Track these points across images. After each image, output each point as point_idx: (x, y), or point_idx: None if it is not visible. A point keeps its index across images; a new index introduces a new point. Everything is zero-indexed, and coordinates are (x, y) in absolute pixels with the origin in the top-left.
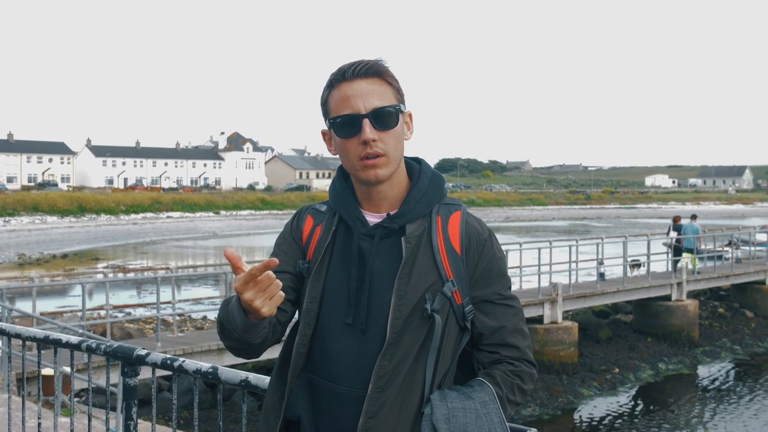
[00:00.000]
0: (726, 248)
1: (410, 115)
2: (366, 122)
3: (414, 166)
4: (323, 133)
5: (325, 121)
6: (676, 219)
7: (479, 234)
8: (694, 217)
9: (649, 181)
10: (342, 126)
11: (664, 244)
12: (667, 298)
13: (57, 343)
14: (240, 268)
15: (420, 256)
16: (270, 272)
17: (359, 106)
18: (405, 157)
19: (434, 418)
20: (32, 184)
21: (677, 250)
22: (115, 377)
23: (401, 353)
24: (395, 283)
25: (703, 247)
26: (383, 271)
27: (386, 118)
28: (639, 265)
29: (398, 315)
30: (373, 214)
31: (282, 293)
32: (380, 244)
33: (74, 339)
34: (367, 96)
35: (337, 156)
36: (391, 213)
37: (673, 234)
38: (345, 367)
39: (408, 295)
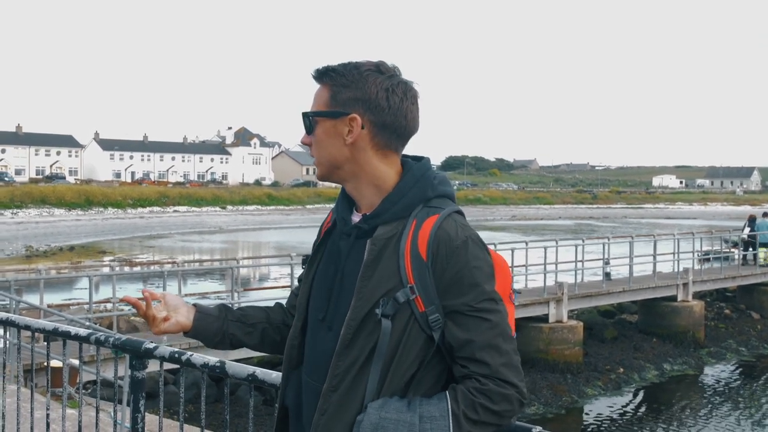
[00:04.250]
0: (733, 249)
1: (352, 119)
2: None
3: (408, 165)
4: None
5: None
6: (751, 217)
7: (451, 240)
8: (766, 214)
9: (656, 181)
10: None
11: (739, 239)
12: (673, 298)
13: (66, 336)
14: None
15: (384, 259)
16: (148, 298)
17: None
18: (407, 156)
19: (362, 426)
20: (40, 176)
21: (750, 244)
22: (123, 370)
23: (353, 355)
24: (356, 284)
25: (709, 248)
26: (352, 271)
27: (306, 123)
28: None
29: (354, 316)
30: (358, 215)
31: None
32: (354, 244)
33: (83, 331)
34: (314, 100)
35: None
36: (367, 213)
37: (747, 230)
38: (316, 363)
39: (365, 298)
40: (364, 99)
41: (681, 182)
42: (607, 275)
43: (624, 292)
